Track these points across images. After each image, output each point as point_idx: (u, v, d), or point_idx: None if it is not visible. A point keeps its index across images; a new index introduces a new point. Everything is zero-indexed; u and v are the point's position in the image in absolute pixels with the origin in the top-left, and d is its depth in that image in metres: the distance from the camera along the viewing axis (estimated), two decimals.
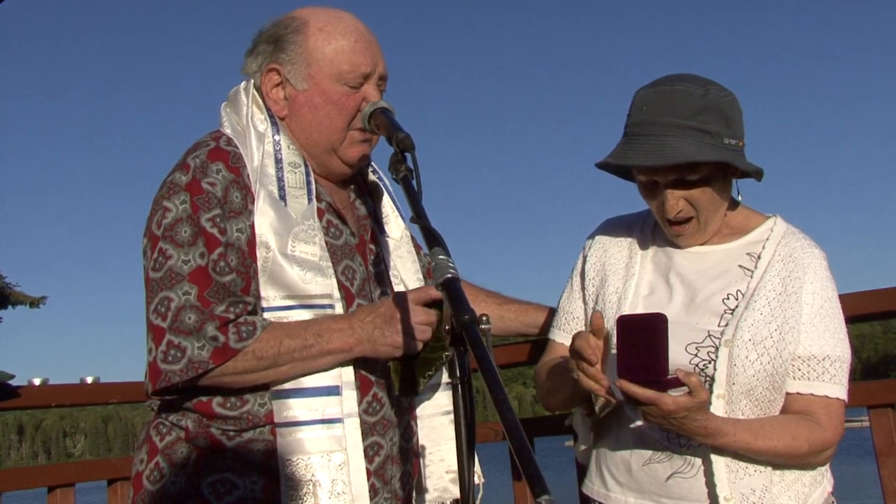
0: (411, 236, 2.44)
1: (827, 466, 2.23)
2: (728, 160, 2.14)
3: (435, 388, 2.26)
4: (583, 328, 2.36)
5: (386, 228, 2.38)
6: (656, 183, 2.19)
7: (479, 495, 2.29)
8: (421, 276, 2.37)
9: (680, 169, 2.13)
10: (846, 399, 2.17)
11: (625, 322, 2.02)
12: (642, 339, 1.97)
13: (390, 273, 2.32)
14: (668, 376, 1.97)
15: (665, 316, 1.98)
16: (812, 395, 2.14)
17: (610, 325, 2.20)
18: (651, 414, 1.99)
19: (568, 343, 2.35)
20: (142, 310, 2.11)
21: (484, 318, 1.65)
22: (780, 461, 2.12)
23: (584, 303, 2.39)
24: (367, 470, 2.11)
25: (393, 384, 2.13)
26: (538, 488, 1.28)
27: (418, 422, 2.26)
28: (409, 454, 2.22)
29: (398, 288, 2.31)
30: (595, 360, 2.03)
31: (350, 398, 2.10)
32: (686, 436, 2.05)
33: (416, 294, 2.09)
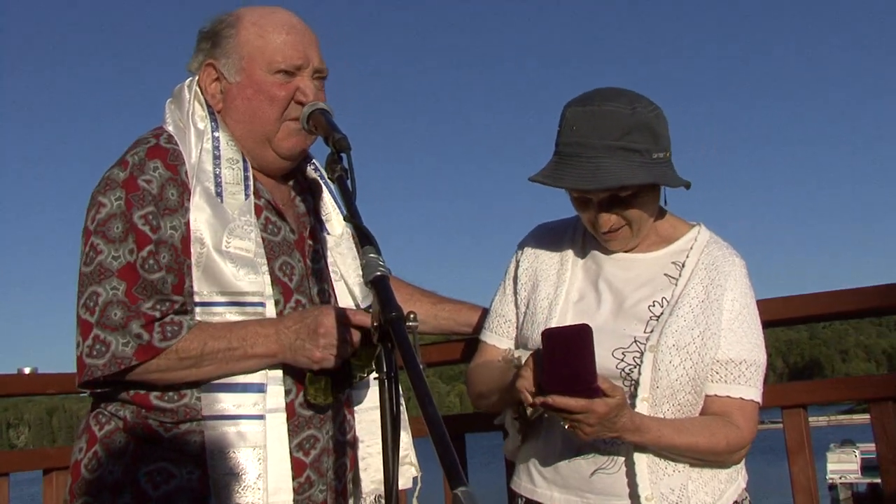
0: (352, 233, 2.43)
1: (742, 465, 2.28)
2: (658, 181, 2.17)
3: (372, 383, 2.26)
4: (514, 331, 2.39)
5: (327, 225, 2.38)
6: (589, 199, 2.21)
7: (418, 487, 2.29)
8: (361, 272, 2.37)
9: (612, 188, 2.16)
10: (760, 401, 2.22)
11: (551, 335, 2.03)
12: (570, 350, 1.98)
13: (330, 269, 2.31)
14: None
15: (589, 326, 2.00)
16: (728, 397, 2.19)
17: (540, 329, 2.22)
18: (587, 422, 2.00)
19: (500, 345, 2.41)
20: None
21: (411, 316, 1.66)
22: (699, 457, 2.16)
23: (516, 306, 2.40)
24: (301, 462, 2.11)
25: (307, 391, 2.12)
26: (454, 480, 1.30)
27: (355, 415, 2.25)
28: (346, 447, 2.22)
29: (338, 284, 2.31)
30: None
31: (275, 394, 2.10)
32: (615, 434, 2.07)
33: (345, 314, 2.08)
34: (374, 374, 1.72)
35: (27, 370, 3.32)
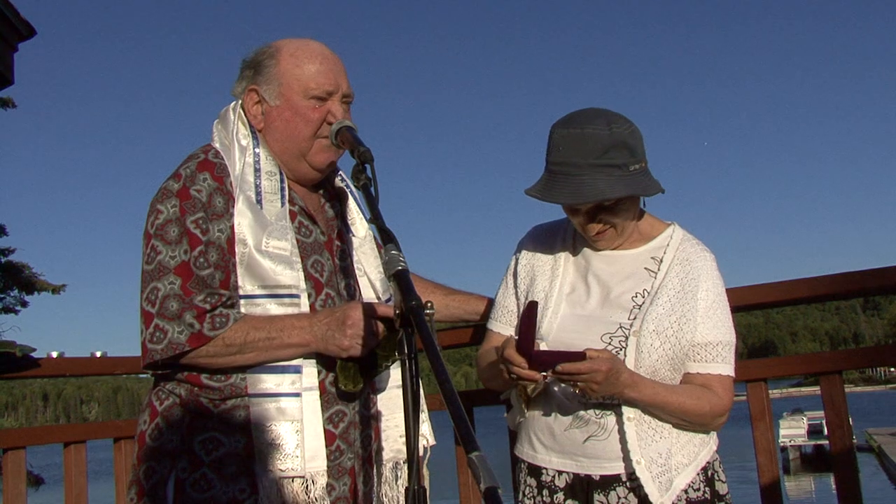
0: (374, 236, 2.42)
1: (713, 431, 2.27)
2: (634, 192, 2.16)
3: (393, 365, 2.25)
4: (516, 320, 2.37)
5: (352, 228, 2.36)
6: (578, 209, 2.21)
7: (428, 455, 2.28)
8: (382, 270, 2.36)
9: (595, 202, 2.16)
10: (734, 375, 2.23)
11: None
12: (523, 323, 2.08)
13: (355, 267, 2.30)
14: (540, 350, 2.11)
15: (534, 302, 2.12)
16: (709, 374, 2.18)
17: (538, 318, 2.23)
18: (582, 381, 2.01)
19: (503, 332, 2.40)
20: None
21: (429, 304, 1.65)
22: (687, 419, 2.15)
23: (517, 298, 2.39)
24: (332, 433, 2.10)
25: (338, 378, 2.10)
26: (469, 446, 1.29)
27: (377, 393, 2.24)
28: (370, 421, 2.21)
29: (362, 279, 2.29)
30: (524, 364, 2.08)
31: (310, 374, 2.09)
32: (617, 390, 2.06)
33: (371, 308, 2.07)
34: (388, 364, 1.69)
35: (98, 353, 3.36)
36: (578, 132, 2.15)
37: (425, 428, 2.31)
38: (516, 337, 2.11)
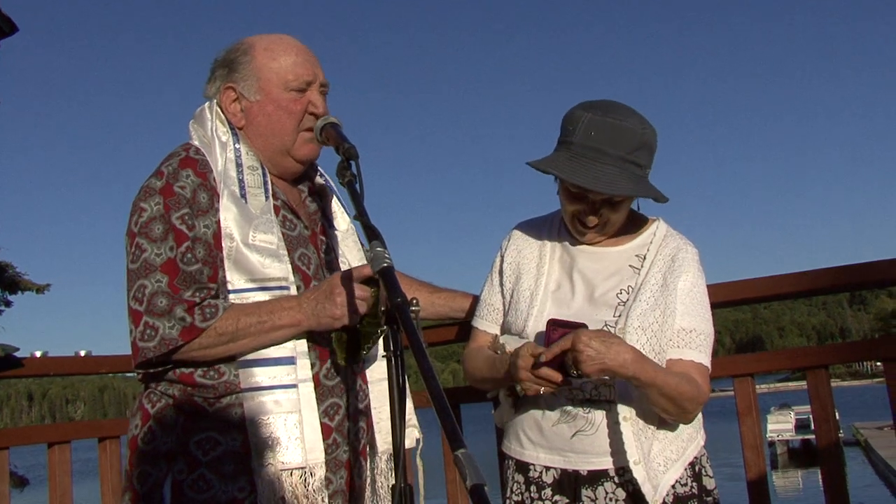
0: (356, 231, 2.42)
1: (700, 426, 2.27)
2: (654, 196, 2.17)
3: (382, 358, 2.25)
4: (501, 318, 2.38)
5: (334, 223, 2.37)
6: (586, 196, 2.19)
7: (420, 448, 2.28)
8: (366, 263, 2.36)
9: (620, 195, 2.16)
10: (709, 367, 2.22)
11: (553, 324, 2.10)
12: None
13: (339, 260, 2.31)
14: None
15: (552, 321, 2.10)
16: (681, 360, 2.17)
17: (523, 317, 2.25)
18: (577, 357, 2.00)
19: (489, 330, 2.40)
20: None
21: (414, 301, 1.66)
22: (679, 402, 2.11)
23: (503, 296, 2.39)
24: (328, 426, 2.10)
25: (336, 354, 2.11)
26: (455, 443, 1.29)
27: (369, 386, 2.24)
28: (363, 413, 2.21)
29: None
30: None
31: (304, 366, 2.09)
32: (619, 363, 2.00)
33: (352, 272, 2.07)
34: (383, 353, 1.70)
35: (83, 352, 3.34)
36: (616, 123, 2.14)
37: (415, 420, 2.31)
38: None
